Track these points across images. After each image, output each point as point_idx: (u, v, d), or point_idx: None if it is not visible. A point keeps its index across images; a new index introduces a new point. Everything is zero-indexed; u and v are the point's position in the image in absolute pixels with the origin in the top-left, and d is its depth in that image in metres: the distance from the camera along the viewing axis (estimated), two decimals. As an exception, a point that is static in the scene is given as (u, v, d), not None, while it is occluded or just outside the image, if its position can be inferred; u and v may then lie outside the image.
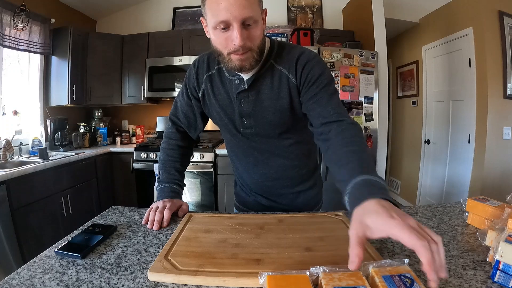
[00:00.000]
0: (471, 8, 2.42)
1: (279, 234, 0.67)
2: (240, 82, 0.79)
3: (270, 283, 0.45)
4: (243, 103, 0.80)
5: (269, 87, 0.78)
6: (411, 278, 0.45)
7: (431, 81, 3.07)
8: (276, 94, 0.78)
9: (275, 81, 0.78)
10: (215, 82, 0.84)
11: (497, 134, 2.33)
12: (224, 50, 0.69)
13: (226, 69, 0.78)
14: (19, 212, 1.69)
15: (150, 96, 2.85)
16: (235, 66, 0.70)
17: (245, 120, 0.83)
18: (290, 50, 0.78)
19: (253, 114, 0.81)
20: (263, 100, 0.79)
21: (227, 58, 0.70)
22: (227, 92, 0.83)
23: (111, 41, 2.87)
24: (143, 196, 2.57)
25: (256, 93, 0.79)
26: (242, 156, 0.94)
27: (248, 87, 0.78)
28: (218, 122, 0.91)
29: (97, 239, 0.65)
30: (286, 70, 0.77)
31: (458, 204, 0.90)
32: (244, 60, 0.69)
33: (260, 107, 0.80)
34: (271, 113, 0.80)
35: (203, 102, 0.88)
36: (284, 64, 0.78)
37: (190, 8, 3.21)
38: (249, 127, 0.84)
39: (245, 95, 0.79)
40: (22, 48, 2.25)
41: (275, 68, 0.78)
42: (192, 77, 0.87)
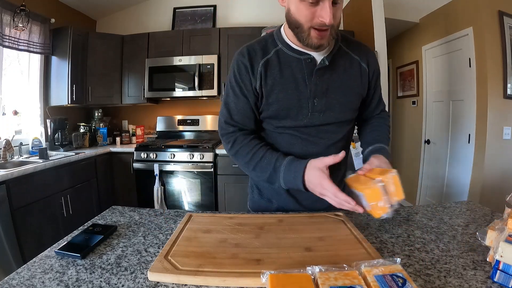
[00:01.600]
0: (471, 8, 2.42)
1: (279, 234, 0.67)
2: (313, 60, 0.77)
3: (273, 282, 0.45)
4: (318, 81, 0.78)
5: (343, 67, 0.80)
6: (403, 278, 0.45)
7: (431, 81, 3.07)
8: (348, 75, 0.81)
9: (347, 63, 0.81)
10: (275, 66, 0.78)
11: (497, 134, 2.33)
12: (307, 23, 0.67)
13: (304, 44, 0.72)
14: (19, 212, 1.69)
15: (150, 96, 2.85)
16: (313, 44, 0.70)
17: (316, 102, 0.79)
18: (356, 41, 0.87)
19: (327, 94, 0.79)
20: (337, 79, 0.80)
21: (307, 33, 0.68)
22: (293, 73, 0.78)
23: (111, 41, 2.87)
24: (143, 196, 2.57)
25: (331, 72, 0.79)
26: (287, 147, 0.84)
27: (329, 64, 0.77)
28: (278, 109, 0.80)
29: (97, 239, 0.65)
30: (357, 56, 0.83)
31: (458, 204, 0.90)
32: (323, 38, 0.69)
33: (334, 85, 0.80)
34: (343, 94, 0.81)
35: (263, 90, 0.79)
36: (354, 50, 0.83)
37: (190, 8, 3.21)
38: (319, 111, 0.80)
39: (321, 73, 0.78)
40: (22, 48, 2.25)
41: (345, 51, 0.82)
42: (243, 70, 0.79)
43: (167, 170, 2.49)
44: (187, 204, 2.54)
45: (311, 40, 0.69)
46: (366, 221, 0.77)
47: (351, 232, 0.67)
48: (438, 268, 0.53)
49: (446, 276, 0.50)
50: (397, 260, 0.49)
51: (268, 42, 0.81)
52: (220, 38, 2.76)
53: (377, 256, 0.55)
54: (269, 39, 0.82)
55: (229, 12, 3.18)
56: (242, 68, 0.79)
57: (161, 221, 0.79)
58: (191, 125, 3.06)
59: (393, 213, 0.63)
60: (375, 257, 0.55)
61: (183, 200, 2.54)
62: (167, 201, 2.53)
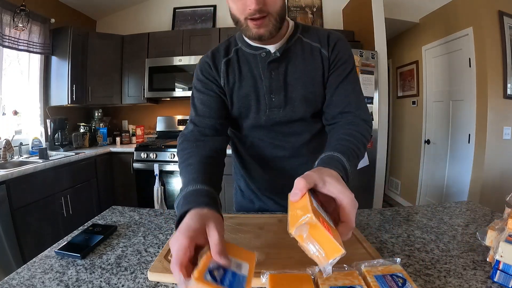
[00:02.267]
0: (471, 8, 2.42)
1: (279, 234, 0.67)
2: (268, 53, 0.74)
3: (272, 282, 0.45)
4: (273, 74, 0.75)
5: (301, 57, 0.75)
6: (403, 278, 0.45)
7: (431, 81, 3.07)
8: (309, 64, 0.75)
9: (306, 52, 0.76)
10: (235, 64, 0.78)
11: (497, 134, 2.33)
12: (241, 16, 0.66)
13: (247, 37, 0.72)
14: (19, 212, 1.69)
15: (150, 96, 2.85)
16: (252, 34, 0.68)
17: (274, 97, 0.76)
18: (318, 29, 0.79)
19: (284, 88, 0.76)
20: (294, 72, 0.75)
21: (244, 25, 0.67)
22: (251, 70, 0.77)
23: (111, 41, 2.87)
24: (143, 196, 2.57)
25: (286, 63, 0.75)
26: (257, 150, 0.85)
27: (280, 56, 0.74)
28: (239, 108, 0.79)
29: (97, 239, 0.65)
30: (317, 43, 0.76)
31: (458, 204, 0.90)
32: (261, 26, 0.66)
33: (291, 78, 0.75)
34: (302, 86, 0.75)
35: (227, 89, 0.79)
36: (313, 38, 0.76)
37: (190, 8, 3.21)
38: (277, 107, 0.77)
39: (275, 66, 0.75)
40: (22, 48, 2.25)
41: (304, 41, 0.76)
42: (207, 68, 0.79)
43: (167, 170, 2.49)
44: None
45: (250, 31, 0.67)
46: (366, 221, 0.77)
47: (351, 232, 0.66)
48: (438, 268, 0.53)
49: (446, 276, 0.50)
50: (397, 260, 0.49)
51: (231, 43, 0.82)
52: (220, 38, 2.76)
53: (377, 256, 0.55)
54: (232, 40, 0.82)
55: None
56: (206, 67, 0.79)
57: (161, 221, 0.79)
58: (191, 125, 3.06)
59: None
60: (375, 257, 0.55)
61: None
62: (167, 201, 2.53)
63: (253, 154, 0.86)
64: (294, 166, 0.83)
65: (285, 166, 0.84)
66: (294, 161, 0.83)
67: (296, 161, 0.83)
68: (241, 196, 0.98)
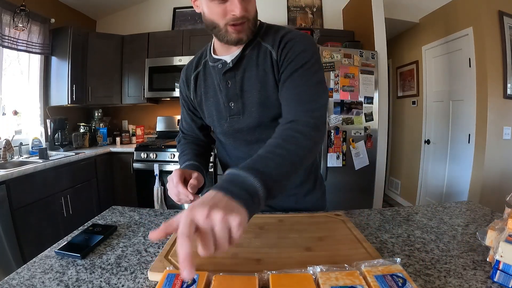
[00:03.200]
0: (471, 8, 2.42)
1: (279, 234, 0.67)
2: (224, 64, 0.76)
3: (274, 282, 0.45)
4: (229, 84, 0.77)
5: (255, 63, 0.76)
6: (403, 278, 0.45)
7: (431, 81, 3.07)
8: (261, 70, 0.75)
9: (260, 57, 0.75)
10: (201, 77, 0.83)
11: (497, 134, 2.33)
12: (221, 21, 0.67)
13: (224, 42, 0.71)
14: (19, 212, 1.69)
15: (150, 96, 2.85)
16: (232, 39, 0.69)
17: (232, 105, 0.78)
18: (279, 29, 0.76)
19: (241, 95, 0.77)
20: (250, 78, 0.76)
21: (224, 30, 0.68)
22: (213, 82, 0.81)
23: (111, 41, 2.87)
24: (143, 196, 2.57)
25: (242, 71, 0.76)
26: (236, 153, 0.88)
27: (233, 66, 0.75)
28: (207, 117, 0.86)
29: (97, 239, 0.65)
30: (270, 45, 0.74)
31: (458, 204, 0.90)
32: (241, 31, 0.68)
33: (247, 85, 0.76)
34: (257, 92, 0.75)
35: (195, 101, 0.87)
36: (268, 39, 0.75)
37: (190, 8, 3.20)
38: (237, 114, 0.79)
39: (231, 75, 0.76)
40: (22, 48, 2.25)
41: (261, 45, 0.76)
42: (181, 84, 0.88)
43: (167, 170, 2.49)
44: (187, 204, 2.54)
45: (229, 36, 0.69)
46: (366, 221, 0.77)
47: (351, 232, 0.67)
48: (438, 268, 0.53)
49: (446, 276, 0.50)
50: (397, 260, 0.49)
51: (203, 54, 0.85)
52: (220, 38, 2.76)
53: (377, 256, 0.55)
54: (204, 51, 0.86)
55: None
56: (181, 82, 0.89)
57: (161, 221, 0.79)
58: (191, 125, 3.06)
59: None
60: (375, 257, 0.55)
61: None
62: (167, 201, 2.53)
63: (232, 156, 0.91)
64: None
65: None
66: None
67: None
68: None
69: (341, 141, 2.31)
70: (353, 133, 2.34)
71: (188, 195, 0.65)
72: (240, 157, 0.87)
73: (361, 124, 2.34)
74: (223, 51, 0.77)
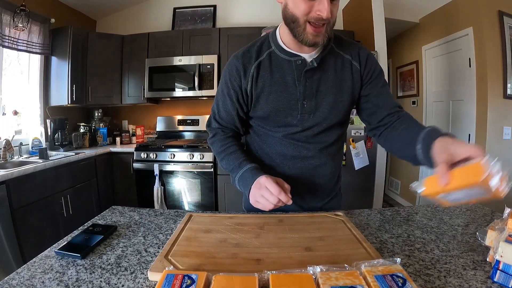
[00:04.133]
0: (471, 8, 2.42)
1: (279, 234, 0.67)
2: (303, 61, 0.77)
3: (274, 282, 0.45)
4: (307, 82, 0.78)
5: (333, 68, 0.80)
6: (403, 278, 0.45)
7: (431, 81, 3.07)
8: (339, 75, 0.80)
9: (338, 63, 0.80)
10: (267, 68, 0.80)
11: (497, 134, 2.33)
12: (303, 16, 0.67)
13: (298, 39, 0.71)
14: (19, 212, 1.69)
15: (150, 96, 2.85)
16: (308, 40, 0.69)
17: (306, 103, 0.80)
18: (349, 41, 0.84)
19: (316, 95, 0.80)
20: (327, 81, 0.79)
21: (303, 27, 0.68)
22: (283, 76, 0.79)
23: (111, 41, 2.87)
24: (143, 196, 2.57)
25: (321, 73, 0.79)
26: (280, 149, 0.86)
27: (317, 66, 0.77)
28: (268, 110, 0.81)
29: (97, 239, 0.65)
30: (349, 55, 0.81)
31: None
32: (319, 35, 0.69)
33: (324, 87, 0.79)
34: (333, 95, 0.80)
35: (254, 92, 0.81)
36: (345, 50, 0.81)
37: (190, 8, 3.21)
38: (308, 112, 0.80)
39: (311, 74, 0.78)
40: (22, 48, 2.25)
41: (336, 52, 0.81)
42: (235, 73, 0.82)
43: (167, 170, 2.49)
44: (187, 204, 2.54)
45: (306, 36, 0.69)
46: (366, 221, 0.78)
47: (351, 232, 0.67)
48: (438, 268, 0.53)
49: (446, 276, 0.50)
50: (397, 260, 0.49)
51: (264, 43, 0.83)
52: (220, 38, 2.76)
53: (377, 256, 0.55)
54: (265, 41, 0.83)
55: (229, 12, 3.18)
56: (234, 71, 0.82)
57: (161, 221, 0.79)
58: (191, 125, 3.06)
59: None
60: (375, 257, 0.55)
61: (183, 200, 2.54)
62: (167, 201, 2.53)
63: (276, 153, 0.87)
64: (313, 166, 0.87)
65: (308, 165, 0.87)
66: (314, 161, 0.86)
67: (316, 161, 0.87)
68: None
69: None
70: (353, 133, 2.34)
71: (289, 200, 0.68)
72: (287, 155, 0.86)
73: (361, 124, 2.34)
74: (297, 47, 0.77)
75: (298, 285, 0.44)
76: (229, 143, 0.86)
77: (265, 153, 0.89)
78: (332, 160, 0.88)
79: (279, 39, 0.80)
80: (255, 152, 0.93)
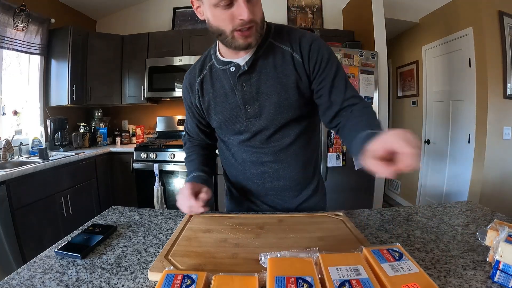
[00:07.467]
0: (471, 8, 2.42)
1: (279, 234, 0.67)
2: (237, 67, 0.75)
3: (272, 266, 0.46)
4: (245, 87, 0.76)
5: (272, 65, 0.75)
6: (400, 252, 0.47)
7: (431, 81, 3.07)
8: (280, 72, 0.75)
9: (278, 58, 0.75)
10: (208, 81, 0.81)
11: (497, 134, 2.32)
12: (228, 27, 0.65)
13: (232, 48, 0.70)
14: (19, 212, 1.69)
15: (150, 96, 2.85)
16: (240, 45, 0.68)
17: (249, 108, 0.78)
18: (291, 30, 0.77)
19: (258, 97, 0.76)
20: (267, 80, 0.76)
21: (230, 36, 0.67)
22: (223, 86, 0.79)
23: (111, 41, 2.87)
24: (143, 196, 2.57)
25: (258, 73, 0.75)
26: (241, 155, 0.87)
27: (248, 68, 0.74)
28: (218, 121, 0.84)
29: (97, 239, 0.65)
30: (289, 47, 0.75)
31: (458, 204, 0.90)
32: (249, 36, 0.67)
33: (264, 87, 0.76)
34: (276, 93, 0.76)
35: (203, 106, 0.84)
36: (285, 42, 0.75)
37: (190, 8, 3.19)
38: (254, 116, 0.78)
39: (246, 78, 0.76)
40: (20, 49, 2.25)
41: (276, 46, 0.75)
42: (185, 90, 0.87)
43: (167, 170, 2.49)
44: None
45: (237, 42, 0.67)
46: (366, 221, 0.78)
47: (351, 232, 0.67)
48: (438, 268, 0.53)
49: (446, 276, 0.50)
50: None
51: (206, 58, 0.84)
52: (220, 38, 2.76)
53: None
54: (208, 54, 0.84)
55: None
56: (184, 88, 0.88)
57: (161, 221, 0.79)
58: (191, 125, 3.06)
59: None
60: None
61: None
62: (167, 201, 2.53)
63: (238, 159, 0.89)
64: (274, 170, 0.86)
65: (268, 170, 0.86)
66: (276, 164, 0.85)
67: (275, 165, 0.85)
68: (230, 198, 0.99)
69: (341, 141, 2.31)
70: (353, 133, 2.34)
71: (199, 208, 0.71)
72: (247, 160, 0.86)
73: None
74: (232, 54, 0.75)
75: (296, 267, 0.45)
76: (191, 152, 0.93)
77: (230, 159, 0.91)
78: (294, 160, 0.85)
79: (217, 50, 0.79)
80: (223, 158, 0.96)
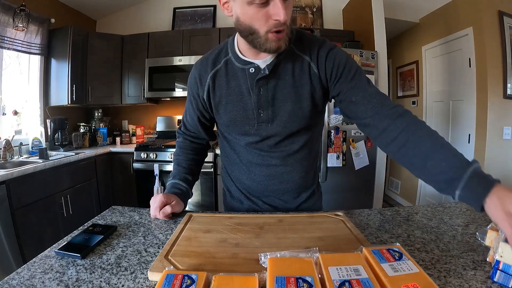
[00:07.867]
0: (471, 8, 2.42)
1: (279, 234, 0.67)
2: (257, 69, 0.74)
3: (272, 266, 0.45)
4: (261, 91, 0.75)
5: (290, 73, 0.74)
6: (400, 252, 0.47)
7: (431, 81, 3.07)
8: (298, 80, 0.74)
9: (297, 67, 0.74)
10: (223, 77, 0.78)
11: (497, 134, 2.33)
12: (262, 27, 0.62)
13: (263, 50, 0.67)
14: (19, 212, 1.69)
15: (150, 96, 2.85)
16: (272, 47, 0.65)
17: (262, 113, 0.77)
18: (312, 39, 0.76)
19: (273, 104, 0.76)
20: (284, 87, 0.74)
21: (264, 38, 0.64)
22: (239, 85, 0.77)
23: (111, 41, 2.87)
24: (143, 196, 2.57)
25: (276, 79, 0.74)
26: (246, 156, 0.86)
27: (269, 73, 0.73)
28: (227, 120, 0.82)
29: (97, 239, 0.65)
30: (308, 56, 0.74)
31: (458, 204, 0.90)
32: (281, 39, 0.65)
33: (280, 94, 0.75)
34: (291, 102, 0.75)
35: (210, 102, 0.82)
36: (305, 50, 0.74)
37: (190, 8, 3.21)
38: (266, 121, 0.77)
39: (264, 82, 0.74)
40: (21, 49, 2.25)
41: (296, 53, 0.74)
42: (193, 81, 0.83)
43: (167, 170, 2.49)
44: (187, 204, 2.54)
45: (269, 45, 0.65)
46: (366, 221, 0.77)
47: (351, 232, 0.67)
48: (438, 268, 0.53)
49: (446, 276, 0.50)
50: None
51: (222, 51, 0.81)
52: (220, 38, 2.77)
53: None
54: (223, 48, 0.82)
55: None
56: (192, 79, 0.84)
57: (161, 221, 0.79)
58: (191, 125, 3.06)
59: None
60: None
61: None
62: (167, 201, 2.53)
63: (243, 159, 0.88)
64: (280, 173, 0.86)
65: (274, 173, 0.86)
66: (282, 168, 0.85)
67: (281, 169, 0.85)
68: (230, 197, 0.98)
69: (341, 141, 2.31)
70: (353, 133, 2.34)
71: (161, 216, 0.77)
72: (253, 162, 0.86)
73: (361, 124, 2.34)
74: (253, 54, 0.74)
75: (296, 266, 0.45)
76: (180, 153, 0.92)
77: (234, 158, 0.90)
78: (300, 165, 0.86)
79: (236, 46, 0.77)
80: (225, 157, 0.94)
